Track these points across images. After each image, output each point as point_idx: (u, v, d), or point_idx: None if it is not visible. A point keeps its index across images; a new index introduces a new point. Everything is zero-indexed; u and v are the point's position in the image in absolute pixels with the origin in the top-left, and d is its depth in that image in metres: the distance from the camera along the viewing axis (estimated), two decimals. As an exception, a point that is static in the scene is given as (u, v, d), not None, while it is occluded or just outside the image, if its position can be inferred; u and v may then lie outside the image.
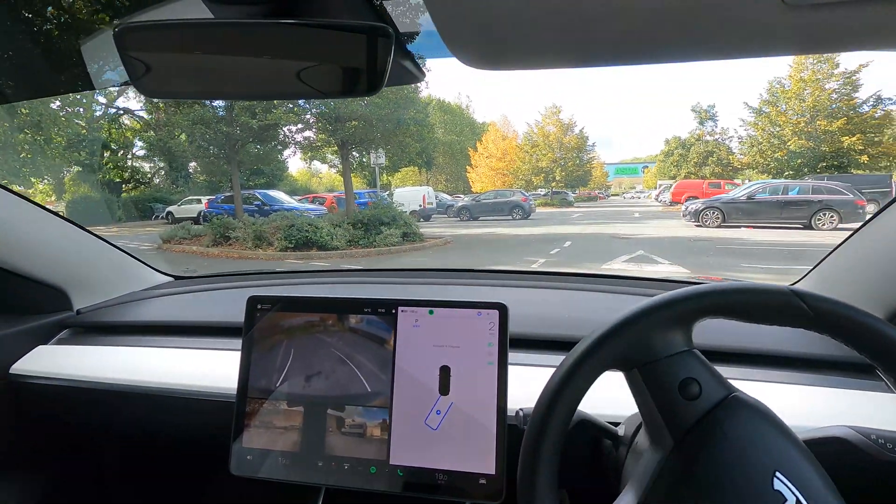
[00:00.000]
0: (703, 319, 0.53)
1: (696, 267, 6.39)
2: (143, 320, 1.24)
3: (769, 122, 20.34)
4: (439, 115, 29.67)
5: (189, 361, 1.06)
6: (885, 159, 19.52)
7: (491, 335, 0.75)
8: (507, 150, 29.04)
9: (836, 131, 18.76)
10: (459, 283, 1.36)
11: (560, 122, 27.92)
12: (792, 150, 19.37)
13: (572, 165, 27.61)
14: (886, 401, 0.78)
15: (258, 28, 0.53)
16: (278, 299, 0.83)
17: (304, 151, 11.83)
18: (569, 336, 0.93)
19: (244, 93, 0.69)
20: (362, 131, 10.38)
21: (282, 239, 8.32)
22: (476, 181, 29.29)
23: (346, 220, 9.25)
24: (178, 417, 1.02)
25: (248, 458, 0.79)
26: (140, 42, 0.54)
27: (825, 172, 17.62)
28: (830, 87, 19.39)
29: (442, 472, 0.73)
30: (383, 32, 0.51)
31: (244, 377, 0.81)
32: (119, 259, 1.39)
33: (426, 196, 16.25)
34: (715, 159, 24.07)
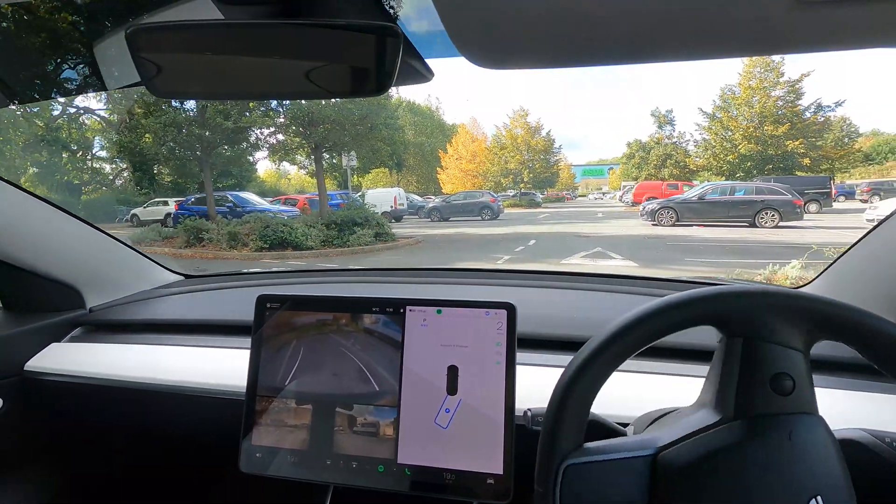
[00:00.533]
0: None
1: (644, 261, 6.98)
2: (154, 318, 1.25)
3: (722, 127, 21.64)
4: (409, 116, 29.88)
5: (199, 359, 1.07)
6: (825, 162, 21.06)
7: (499, 335, 0.75)
8: (476, 152, 29.46)
9: (781, 136, 20.14)
10: (467, 283, 1.36)
11: (527, 124, 28.55)
12: (742, 153, 20.66)
13: (540, 167, 28.26)
14: None
15: (268, 28, 0.54)
16: (287, 298, 0.83)
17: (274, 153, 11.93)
18: (577, 336, 0.91)
19: (253, 92, 0.67)
20: (335, 134, 10.63)
21: (257, 239, 8.53)
22: (446, 182, 29.60)
23: (320, 221, 9.53)
24: (189, 415, 1.03)
25: (257, 455, 0.79)
26: (151, 43, 0.55)
27: (772, 174, 18.80)
28: (776, 95, 20.78)
29: (450, 472, 0.73)
30: (392, 32, 0.51)
31: (253, 375, 0.81)
32: (131, 258, 1.41)
33: (397, 197, 16.55)
34: (673, 162, 25.30)
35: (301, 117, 10.28)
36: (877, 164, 34.43)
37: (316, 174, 11.53)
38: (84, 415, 1.17)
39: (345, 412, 0.78)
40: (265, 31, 0.54)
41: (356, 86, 0.57)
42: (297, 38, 0.54)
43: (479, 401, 0.74)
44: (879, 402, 0.79)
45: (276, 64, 0.56)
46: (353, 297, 0.82)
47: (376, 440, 0.76)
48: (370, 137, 11.37)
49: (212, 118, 9.97)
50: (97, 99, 14.11)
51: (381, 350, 0.79)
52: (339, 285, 1.41)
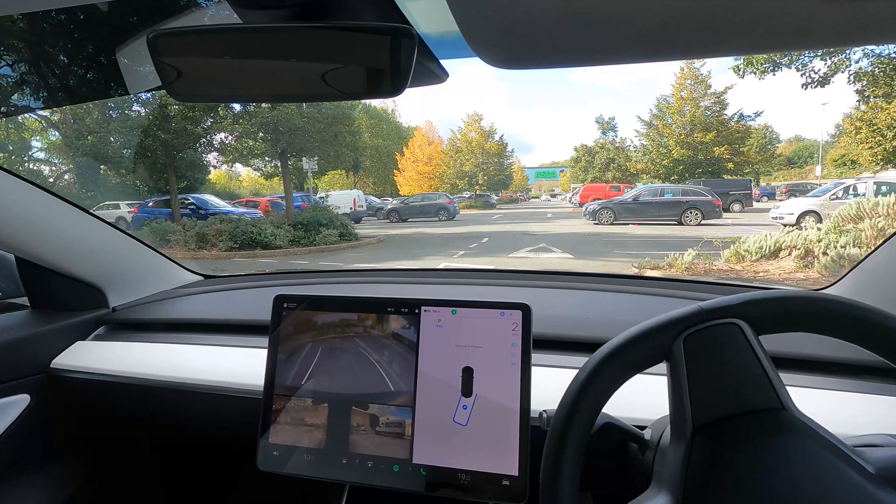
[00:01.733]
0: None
1: (579, 254, 7.99)
2: (174, 317, 1.27)
3: (658, 134, 23.60)
4: (366, 119, 30.17)
5: (219, 358, 1.08)
6: (747, 166, 23.39)
7: (514, 336, 0.75)
8: (432, 155, 30.12)
9: (709, 142, 22.26)
10: (481, 284, 1.38)
11: (481, 129, 29.52)
12: (676, 157, 22.65)
13: (494, 170, 29.30)
14: None
15: (284, 32, 0.55)
16: (304, 298, 0.84)
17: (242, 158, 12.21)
18: (592, 338, 0.91)
19: (271, 95, 0.69)
20: (302, 141, 11.15)
21: (227, 240, 8.96)
22: (404, 185, 30.09)
23: (287, 222, 10.08)
24: (208, 413, 1.05)
25: (274, 453, 0.80)
26: (172, 48, 0.56)
27: (702, 177, 20.65)
28: (704, 105, 22.88)
29: (465, 473, 0.73)
30: (406, 34, 0.51)
31: (270, 374, 0.82)
32: (152, 258, 1.44)
33: (357, 199, 17.09)
34: (616, 165, 27.17)
35: (269, 125, 10.73)
36: (797, 167, 37.88)
37: (283, 178, 11.99)
38: (107, 412, 1.19)
39: (361, 412, 0.78)
40: (282, 34, 0.55)
41: (371, 87, 0.57)
42: (313, 41, 0.54)
43: (494, 401, 0.74)
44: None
45: (292, 66, 0.57)
46: (369, 297, 0.83)
47: (391, 440, 0.76)
48: (335, 144, 11.96)
49: (179, 124, 10.24)
50: (34, 96, 13.77)
51: (396, 350, 0.79)
52: (355, 286, 1.43)
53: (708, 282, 1.31)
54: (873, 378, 0.82)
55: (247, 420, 0.85)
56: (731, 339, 0.51)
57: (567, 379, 0.55)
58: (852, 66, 7.42)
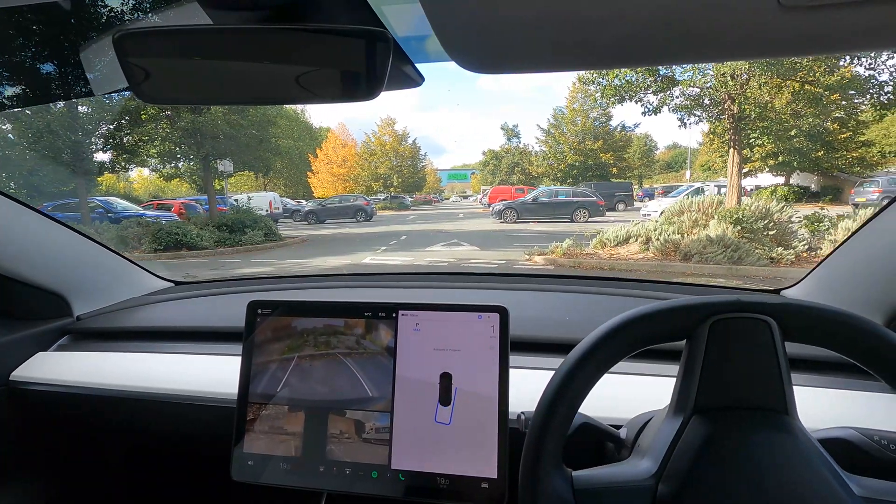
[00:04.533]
0: None
1: (485, 247, 9.29)
2: (143, 326, 1.23)
3: (554, 141, 26.23)
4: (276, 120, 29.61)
5: (190, 367, 1.05)
6: (628, 171, 26.86)
7: (492, 338, 0.75)
8: (346, 157, 30.35)
9: (597, 149, 25.21)
10: (458, 287, 1.37)
11: (395, 132, 30.37)
12: (570, 163, 25.36)
13: (408, 172, 30.23)
14: (888, 401, 0.78)
15: (257, 33, 0.53)
16: (279, 304, 0.83)
17: (162, 161, 12.04)
18: (569, 339, 0.87)
19: (243, 97, 0.66)
20: (224, 145, 11.38)
21: (151, 242, 9.07)
22: (318, 186, 30.00)
23: (211, 223, 10.35)
24: (181, 423, 1.02)
25: (249, 463, 0.78)
26: (140, 48, 0.54)
27: (592, 180, 23.21)
28: (593, 116, 25.84)
29: (444, 477, 0.72)
30: (382, 37, 0.51)
31: (245, 382, 0.80)
32: (119, 265, 1.39)
33: (273, 201, 17.24)
34: (520, 169, 29.67)
35: (192, 130, 10.85)
36: (674, 171, 43.14)
37: (205, 181, 12.06)
38: (72, 424, 1.16)
39: (338, 418, 0.77)
40: (255, 35, 0.53)
41: (346, 90, 0.56)
42: (286, 43, 0.53)
43: (473, 404, 0.73)
44: (868, 400, 0.80)
45: (266, 69, 0.56)
46: (345, 301, 0.82)
47: (370, 446, 0.75)
48: (259, 148, 12.30)
49: (89, 125, 10.00)
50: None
51: (373, 355, 0.78)
52: (332, 290, 1.41)
53: (681, 283, 1.37)
54: (838, 374, 0.84)
55: (221, 430, 0.83)
56: (757, 335, 0.52)
57: (545, 380, 0.56)
58: (674, 100, 9.71)
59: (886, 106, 9.92)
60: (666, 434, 0.55)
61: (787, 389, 0.53)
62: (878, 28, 0.42)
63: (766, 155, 13.24)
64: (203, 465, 1.12)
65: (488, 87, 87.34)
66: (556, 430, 0.54)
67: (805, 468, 0.49)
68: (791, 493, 0.48)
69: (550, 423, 0.53)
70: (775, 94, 8.91)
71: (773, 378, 0.52)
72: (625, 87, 9.17)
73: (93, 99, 10.01)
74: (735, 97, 8.91)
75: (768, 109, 9.44)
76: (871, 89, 9.59)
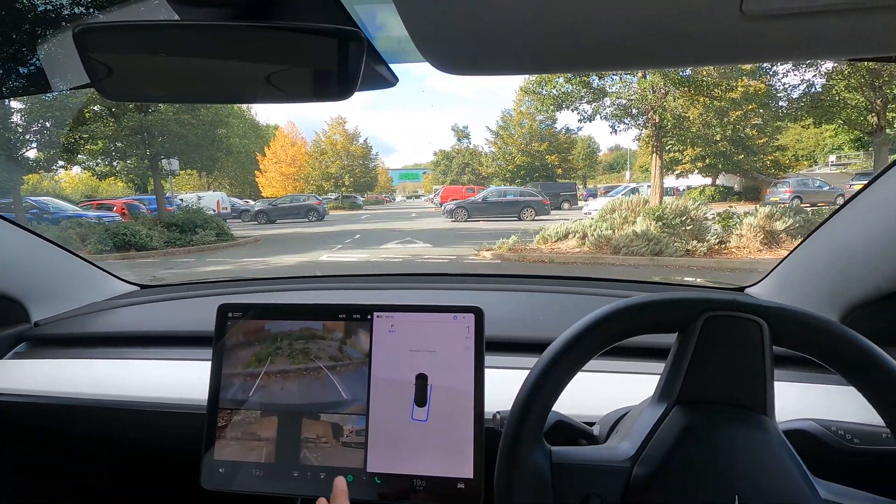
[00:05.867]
0: None
1: (437, 245, 9.74)
2: (107, 331, 1.19)
3: (503, 143, 27.07)
4: (228, 119, 28.66)
5: (157, 373, 1.03)
6: (573, 172, 28.20)
7: (467, 339, 0.75)
8: (296, 156, 29.76)
9: (543, 151, 26.25)
10: (433, 288, 1.36)
11: (346, 132, 30.13)
12: (518, 164, 26.30)
13: (359, 172, 30.02)
14: (846, 393, 0.81)
15: (225, 30, 0.52)
16: (250, 307, 0.82)
17: (106, 159, 11.61)
18: (544, 338, 0.83)
19: (211, 96, 0.64)
20: (177, 144, 11.20)
21: (96, 243, 8.85)
22: (266, 186, 29.29)
23: (160, 224, 10.18)
24: (147, 431, 0.99)
25: (219, 470, 0.76)
26: (101, 43, 0.52)
27: (539, 181, 24.09)
28: (539, 119, 26.88)
29: (420, 479, 0.72)
30: (355, 37, 0.50)
31: (215, 387, 0.79)
32: (80, 268, 1.34)
33: (220, 201, 16.88)
34: (471, 169, 30.36)
35: (139, 128, 10.60)
36: (616, 172, 45.27)
37: (154, 180, 11.77)
38: (31, 436, 1.12)
39: (313, 422, 0.76)
40: (223, 33, 0.52)
41: (318, 90, 0.55)
42: (256, 41, 0.52)
43: (449, 405, 0.74)
44: (827, 393, 0.83)
45: (235, 67, 0.55)
46: (319, 303, 0.81)
47: (344, 449, 0.75)
48: (211, 148, 12.15)
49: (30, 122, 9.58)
50: None
51: (348, 357, 0.78)
52: (305, 292, 1.39)
53: (652, 282, 1.35)
54: (799, 368, 0.88)
55: (190, 437, 0.81)
56: (748, 335, 0.54)
57: (521, 380, 0.56)
58: (606, 109, 10.73)
59: (788, 116, 11.37)
60: (647, 421, 0.56)
61: (769, 390, 0.54)
62: (834, 38, 0.44)
63: (694, 158, 14.53)
64: (172, 475, 1.06)
65: (438, 87, 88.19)
66: (532, 420, 0.55)
67: (776, 467, 0.51)
68: (759, 488, 0.50)
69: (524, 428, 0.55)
70: (688, 107, 10.06)
71: (758, 378, 0.54)
72: (562, 97, 10.05)
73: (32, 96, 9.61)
74: (656, 109, 10.00)
75: (683, 120, 10.60)
76: (769, 102, 10.94)
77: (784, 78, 10.44)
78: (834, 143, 19.37)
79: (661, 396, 0.58)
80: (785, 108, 10.99)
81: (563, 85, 10.02)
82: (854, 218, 0.92)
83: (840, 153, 20.75)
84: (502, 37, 0.46)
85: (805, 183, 15.80)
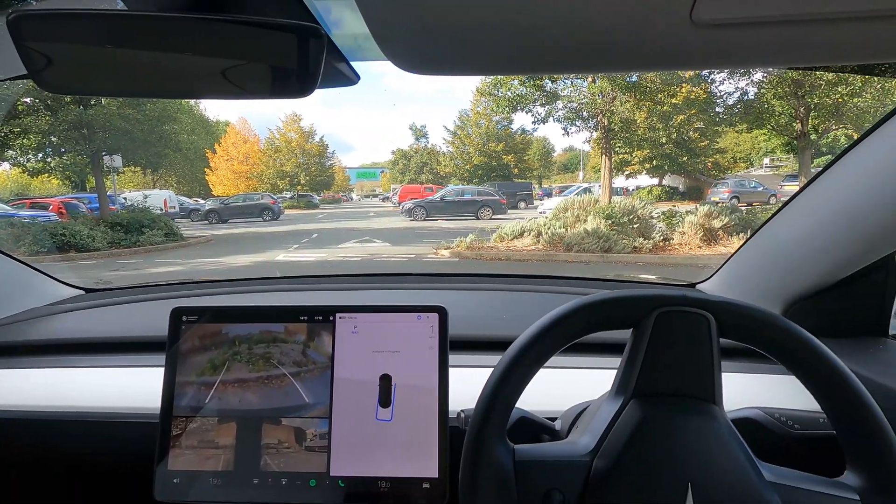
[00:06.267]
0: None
1: (396, 244, 9.78)
2: (49, 338, 1.13)
3: (460, 143, 27.32)
4: (177, 115, 27.41)
5: (104, 381, 0.98)
6: (529, 172, 28.88)
7: (431, 338, 0.75)
8: (249, 154, 28.92)
9: (500, 151, 26.70)
10: (396, 288, 1.35)
11: (301, 129, 29.50)
12: (476, 163, 26.62)
13: (316, 170, 29.44)
14: (789, 383, 0.86)
15: (177, 22, 0.49)
16: (206, 310, 0.79)
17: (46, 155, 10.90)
18: (508, 336, 0.83)
19: (162, 90, 0.62)
20: (121, 141, 10.62)
21: (31, 244, 8.29)
22: (217, 184, 28.27)
23: (103, 223, 9.67)
24: (94, 444, 0.94)
25: (174, 481, 0.74)
26: (41, 31, 0.49)
27: (496, 180, 24.60)
28: (496, 120, 27.31)
29: (385, 480, 0.72)
30: (315, 33, 0.49)
31: (168, 395, 0.76)
32: (16, 271, 1.26)
33: (168, 200, 16.15)
34: (429, 169, 30.48)
35: (79, 123, 9.98)
36: (570, 172, 46.58)
37: (95, 178, 11.12)
38: None
39: (273, 427, 0.75)
40: (175, 25, 0.49)
41: (277, 87, 0.54)
42: (211, 35, 0.50)
43: (414, 405, 0.74)
44: (772, 382, 0.87)
45: (188, 61, 0.52)
46: (279, 305, 0.80)
47: (307, 454, 0.74)
48: (158, 145, 11.61)
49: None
50: None
51: (310, 360, 0.77)
52: (264, 294, 1.35)
53: (613, 279, 1.40)
54: (745, 359, 0.92)
55: (143, 448, 0.78)
56: (697, 329, 0.56)
57: (485, 378, 0.57)
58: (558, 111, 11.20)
59: (724, 121, 12.21)
60: (605, 415, 0.58)
61: (717, 380, 0.57)
62: (781, 47, 0.46)
63: (643, 159, 15.25)
64: (123, 489, 1.01)
65: (396, 86, 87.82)
66: (495, 423, 0.56)
67: (725, 454, 0.54)
68: (710, 474, 0.53)
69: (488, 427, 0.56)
70: (634, 111, 10.64)
71: (707, 369, 0.57)
72: (516, 100, 10.38)
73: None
74: (604, 112, 10.52)
75: (630, 123, 11.21)
76: (708, 108, 11.72)
77: (721, 85, 11.24)
78: (768, 146, 20.78)
79: (618, 391, 0.60)
80: (721, 114, 11.82)
81: (518, 88, 10.35)
82: (794, 217, 0.96)
83: (773, 156, 22.30)
84: (463, 37, 0.47)
85: (742, 184, 16.93)
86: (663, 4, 0.41)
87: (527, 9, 0.42)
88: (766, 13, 0.41)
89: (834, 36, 0.45)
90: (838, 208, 0.86)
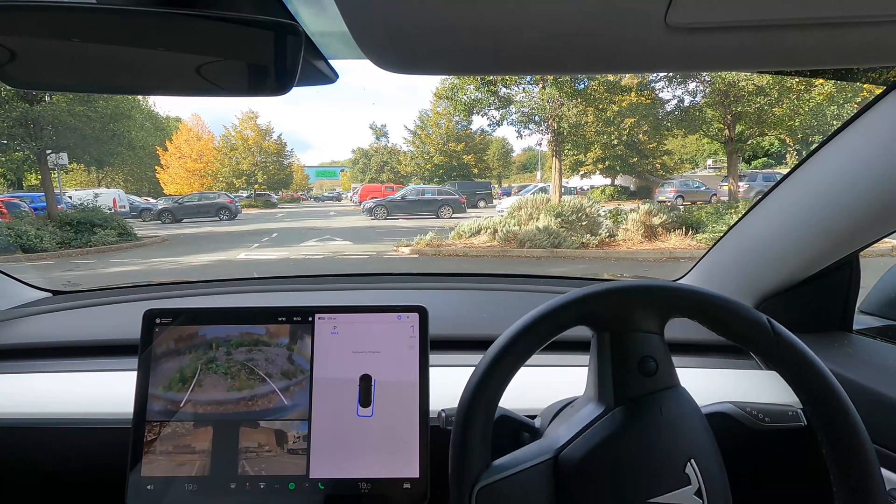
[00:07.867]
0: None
1: (357, 242, 9.95)
2: (12, 343, 1.08)
3: (421, 142, 27.58)
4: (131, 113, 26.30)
5: (72, 387, 0.94)
6: (488, 171, 29.49)
7: (412, 338, 0.75)
8: (203, 151, 28.11)
9: (460, 151, 27.15)
10: (376, 288, 1.35)
11: (258, 127, 28.90)
12: (436, 163, 26.96)
13: (274, 169, 28.96)
14: (761, 377, 0.90)
15: (149, 17, 0.48)
16: (180, 312, 0.77)
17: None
18: (487, 335, 0.85)
19: (132, 87, 0.59)
20: (71, 139, 10.22)
21: (-28, 246, 7.97)
22: (169, 183, 27.35)
23: (51, 223, 9.32)
24: (66, 450, 0.91)
25: (148, 488, 0.72)
26: (4, 24, 0.47)
27: (457, 180, 24.93)
28: (456, 120, 27.73)
29: (365, 481, 0.72)
30: (292, 30, 0.48)
31: (141, 400, 0.74)
32: None
33: (117, 199, 15.62)
34: (389, 168, 30.64)
35: (24, 120, 9.55)
36: (529, 172, 47.64)
37: (42, 176, 10.66)
38: None
39: (252, 430, 0.73)
40: (146, 19, 0.48)
41: (253, 84, 0.53)
42: (184, 30, 0.48)
43: (394, 406, 0.73)
44: (745, 376, 0.90)
45: (159, 56, 0.50)
46: (257, 307, 0.78)
47: (286, 457, 0.73)
48: (110, 143, 11.24)
49: None
50: None
51: (289, 361, 0.75)
52: (241, 295, 1.32)
53: (587, 278, 1.44)
54: (718, 355, 0.97)
55: (115, 455, 0.75)
56: None
57: (465, 377, 0.57)
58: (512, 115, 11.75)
59: (664, 127, 13.15)
60: (585, 415, 0.59)
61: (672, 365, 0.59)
62: (754, 52, 0.48)
63: (596, 160, 16.00)
64: (94, 497, 0.98)
65: (357, 82, 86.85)
66: (479, 423, 0.55)
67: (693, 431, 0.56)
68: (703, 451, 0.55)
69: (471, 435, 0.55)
70: (581, 116, 11.31)
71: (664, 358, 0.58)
72: (472, 104, 10.82)
73: None
74: (553, 117, 11.13)
75: (578, 127, 11.88)
76: (648, 114, 12.56)
77: (661, 93, 12.09)
78: (710, 148, 22.14)
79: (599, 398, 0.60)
80: (661, 120, 12.71)
81: (474, 92, 10.76)
82: (767, 215, 0.99)
83: (716, 157, 23.78)
84: (442, 37, 0.47)
85: (687, 184, 18.05)
86: (638, 7, 0.41)
87: (505, 9, 0.42)
88: (739, 18, 0.42)
89: (806, 41, 0.46)
90: (807, 208, 0.88)
